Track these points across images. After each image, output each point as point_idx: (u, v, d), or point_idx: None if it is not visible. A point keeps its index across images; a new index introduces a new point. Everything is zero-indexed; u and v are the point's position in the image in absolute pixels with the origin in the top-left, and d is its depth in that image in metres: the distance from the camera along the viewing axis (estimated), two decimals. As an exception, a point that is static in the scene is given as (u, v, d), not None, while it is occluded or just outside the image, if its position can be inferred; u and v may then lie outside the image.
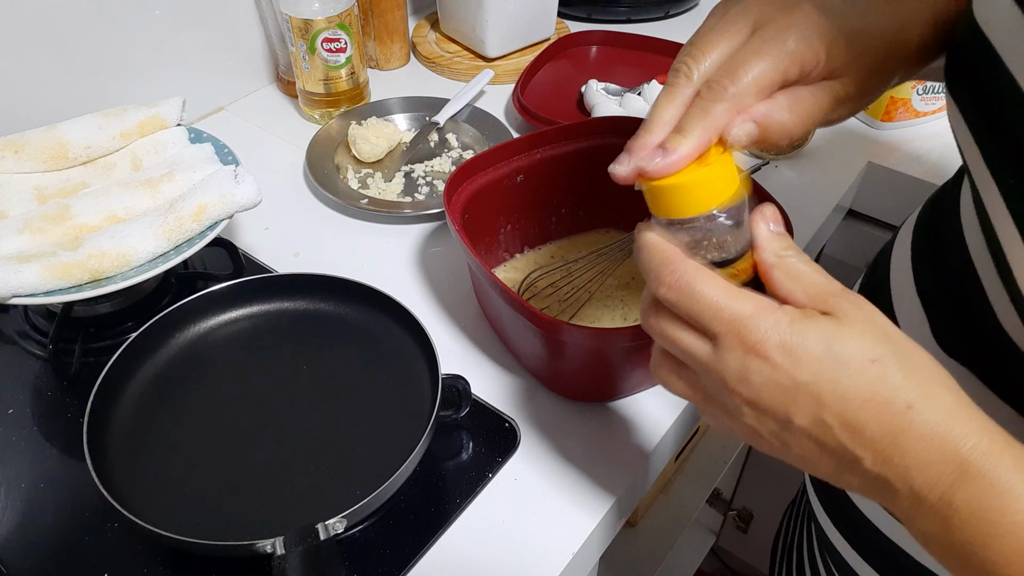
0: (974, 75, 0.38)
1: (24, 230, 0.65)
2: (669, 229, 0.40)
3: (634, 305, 0.70)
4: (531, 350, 0.63)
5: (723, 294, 0.36)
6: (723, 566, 1.53)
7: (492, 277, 0.57)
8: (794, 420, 0.35)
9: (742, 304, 0.36)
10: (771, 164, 0.87)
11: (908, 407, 0.33)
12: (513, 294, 0.56)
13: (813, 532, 0.63)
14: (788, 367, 0.34)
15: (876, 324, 0.35)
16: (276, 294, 0.67)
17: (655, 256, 0.38)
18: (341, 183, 0.84)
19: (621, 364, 0.60)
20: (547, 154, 0.70)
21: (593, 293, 0.70)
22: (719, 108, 0.39)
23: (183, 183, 0.70)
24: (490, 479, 0.58)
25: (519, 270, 0.73)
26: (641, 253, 0.39)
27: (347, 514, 0.50)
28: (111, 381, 0.58)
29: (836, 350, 0.34)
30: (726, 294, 0.36)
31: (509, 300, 0.56)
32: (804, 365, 0.34)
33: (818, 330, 0.34)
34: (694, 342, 0.37)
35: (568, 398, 0.63)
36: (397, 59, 1.05)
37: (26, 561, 0.54)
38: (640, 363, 0.60)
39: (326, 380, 0.62)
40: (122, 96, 0.84)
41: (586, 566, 0.58)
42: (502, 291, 0.56)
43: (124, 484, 0.53)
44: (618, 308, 0.70)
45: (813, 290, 0.36)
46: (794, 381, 0.34)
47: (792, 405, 0.35)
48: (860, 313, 0.35)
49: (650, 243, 0.39)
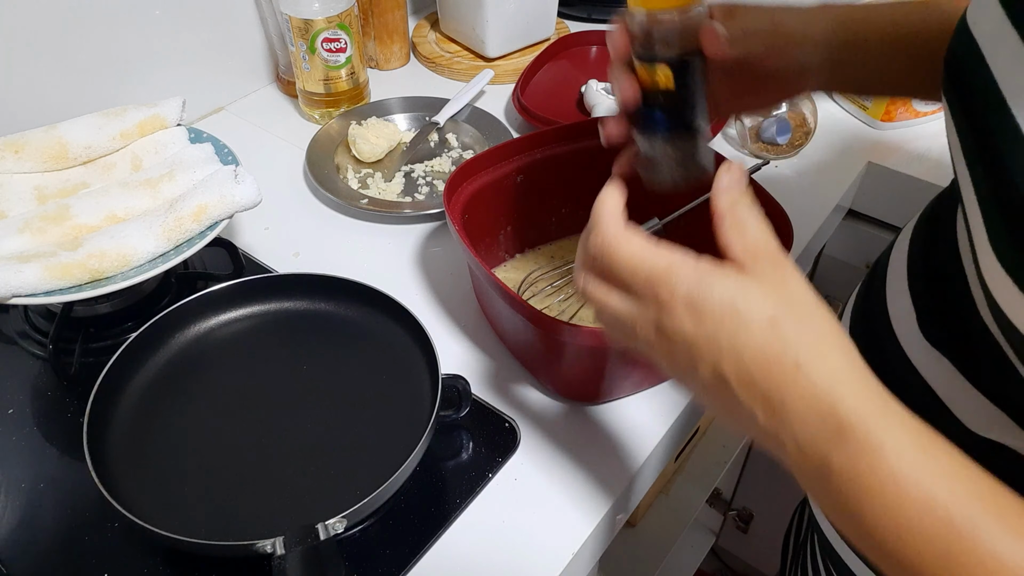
0: (962, 76, 0.39)
1: (24, 230, 0.65)
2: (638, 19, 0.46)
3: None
4: (531, 350, 0.63)
5: (639, 253, 0.38)
6: (723, 566, 1.53)
7: (492, 277, 0.57)
8: (698, 370, 0.36)
9: (656, 260, 0.37)
10: (771, 164, 0.87)
11: (796, 366, 0.34)
12: (513, 294, 0.56)
13: (815, 538, 0.63)
14: (692, 321, 0.36)
15: (785, 285, 0.36)
16: (276, 294, 0.67)
17: (593, 213, 0.41)
18: (341, 183, 0.84)
19: (620, 364, 0.60)
20: (547, 154, 0.70)
21: None
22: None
23: (183, 183, 0.70)
24: (490, 479, 0.58)
25: (519, 270, 0.73)
26: (596, 200, 0.42)
27: (347, 514, 0.50)
28: (111, 381, 0.58)
29: (738, 306, 0.35)
30: (642, 253, 0.38)
31: (509, 300, 0.56)
32: (706, 319, 0.36)
33: (723, 286, 0.36)
34: (619, 301, 0.39)
35: (568, 398, 0.63)
36: (397, 59, 1.05)
37: (26, 561, 0.54)
38: (639, 363, 0.60)
39: (326, 380, 0.62)
40: (122, 96, 0.84)
41: (586, 566, 0.58)
42: (502, 291, 0.56)
43: (124, 484, 0.53)
44: None
45: (750, 245, 0.37)
46: (697, 334, 0.36)
47: (696, 356, 0.36)
48: (774, 274, 0.36)
49: (600, 196, 0.42)
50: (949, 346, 0.46)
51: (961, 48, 0.39)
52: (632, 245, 0.39)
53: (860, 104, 0.93)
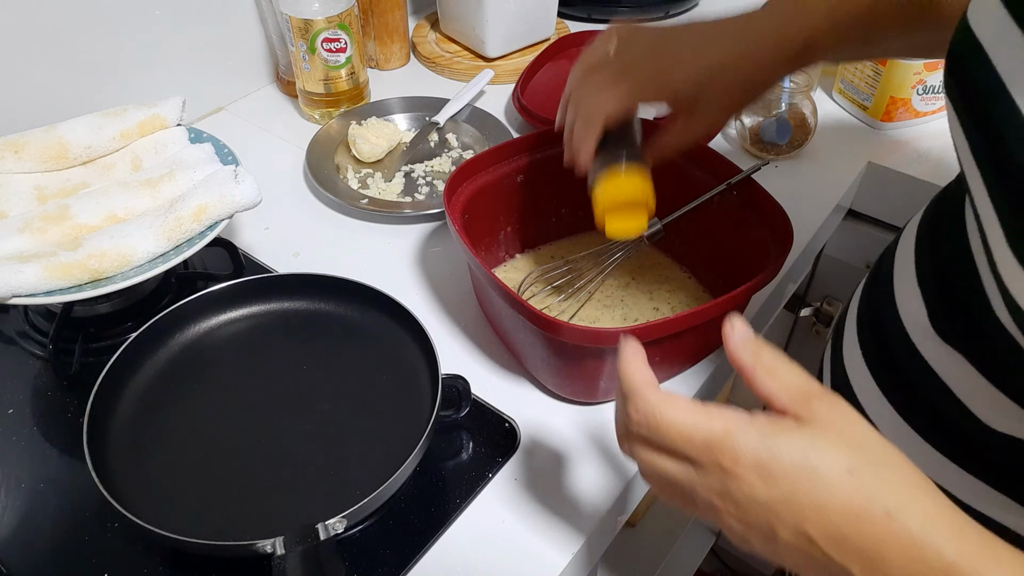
0: (965, 75, 0.39)
1: (24, 230, 0.65)
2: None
3: (634, 305, 0.70)
4: (531, 350, 0.63)
5: (690, 418, 0.37)
6: (723, 566, 1.53)
7: (492, 277, 0.57)
8: (779, 534, 0.35)
9: (711, 425, 0.36)
10: (771, 164, 0.87)
11: (887, 515, 0.33)
12: (513, 294, 0.56)
13: None
14: (765, 485, 0.35)
15: (853, 430, 0.35)
16: (276, 294, 0.67)
17: (624, 382, 0.39)
18: (341, 183, 0.84)
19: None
20: (547, 154, 0.70)
21: (593, 293, 0.70)
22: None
23: (183, 183, 0.70)
24: (490, 479, 0.58)
25: (519, 270, 0.73)
26: (618, 365, 0.41)
27: (347, 514, 0.50)
28: (111, 381, 0.58)
29: (812, 462, 0.34)
30: (693, 418, 0.36)
31: (509, 300, 0.56)
32: (780, 481, 0.34)
33: (791, 444, 0.35)
34: (674, 467, 0.38)
35: (567, 398, 0.63)
36: (397, 59, 1.05)
37: (26, 561, 0.54)
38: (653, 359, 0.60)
39: (326, 380, 0.62)
40: (122, 96, 0.84)
41: (586, 566, 0.58)
42: (502, 291, 0.56)
43: (124, 484, 0.53)
44: (618, 308, 0.70)
45: (795, 391, 0.36)
46: (773, 498, 0.34)
47: (775, 520, 0.35)
48: (836, 418, 0.36)
49: (622, 363, 0.40)
50: (964, 343, 0.46)
51: (963, 47, 0.39)
52: (681, 412, 0.37)
53: (860, 104, 0.93)
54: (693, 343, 0.63)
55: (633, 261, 0.73)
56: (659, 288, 0.71)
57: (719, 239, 0.67)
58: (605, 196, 0.57)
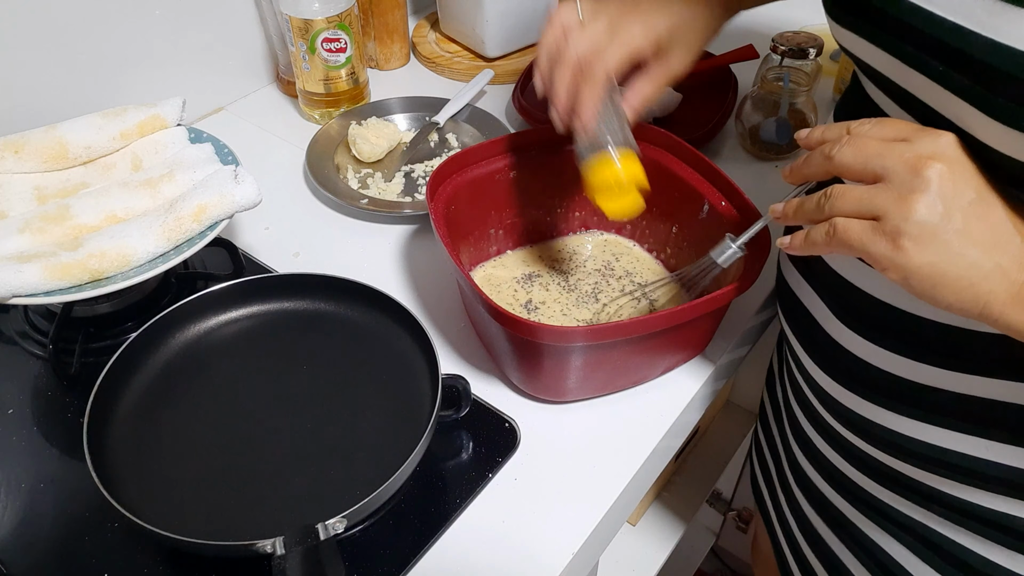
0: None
1: (24, 230, 0.65)
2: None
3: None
4: (496, 345, 0.62)
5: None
6: (723, 566, 1.53)
7: (466, 275, 0.57)
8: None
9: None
10: (772, 164, 0.87)
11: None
12: (481, 291, 0.56)
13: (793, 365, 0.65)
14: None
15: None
16: (276, 294, 0.67)
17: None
18: (341, 183, 0.84)
19: (584, 364, 0.59)
20: (540, 151, 0.70)
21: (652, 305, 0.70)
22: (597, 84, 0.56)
23: (183, 183, 0.70)
24: (490, 479, 0.58)
25: (507, 267, 0.73)
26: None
27: (347, 514, 0.50)
28: (111, 381, 0.58)
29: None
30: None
31: (475, 295, 0.56)
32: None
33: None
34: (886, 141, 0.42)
35: (534, 396, 0.63)
36: (397, 59, 1.05)
37: (26, 561, 0.54)
38: (603, 365, 0.60)
39: (326, 380, 0.62)
40: (122, 96, 0.84)
41: (586, 566, 0.58)
42: (469, 286, 0.56)
43: (124, 484, 0.53)
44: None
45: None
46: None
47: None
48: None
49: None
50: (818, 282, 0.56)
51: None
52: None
53: (860, 104, 0.93)
54: (665, 345, 0.62)
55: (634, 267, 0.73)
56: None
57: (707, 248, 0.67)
58: (599, 179, 0.59)
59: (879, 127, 0.43)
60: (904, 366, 0.50)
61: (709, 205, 0.66)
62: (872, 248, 0.41)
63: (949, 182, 0.39)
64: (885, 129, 0.43)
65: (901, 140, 0.41)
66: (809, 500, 0.66)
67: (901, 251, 0.40)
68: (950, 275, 0.40)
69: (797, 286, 0.59)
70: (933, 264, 0.40)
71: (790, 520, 0.70)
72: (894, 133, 0.42)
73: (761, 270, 0.58)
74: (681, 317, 0.56)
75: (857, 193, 0.42)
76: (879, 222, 0.41)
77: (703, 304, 0.56)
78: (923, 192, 0.39)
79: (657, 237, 0.74)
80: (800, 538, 0.69)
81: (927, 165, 0.40)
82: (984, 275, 0.39)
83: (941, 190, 0.39)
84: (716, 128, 0.87)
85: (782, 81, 0.84)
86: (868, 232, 0.41)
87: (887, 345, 0.51)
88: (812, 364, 0.59)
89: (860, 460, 0.58)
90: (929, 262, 0.40)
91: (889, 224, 0.40)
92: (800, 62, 0.84)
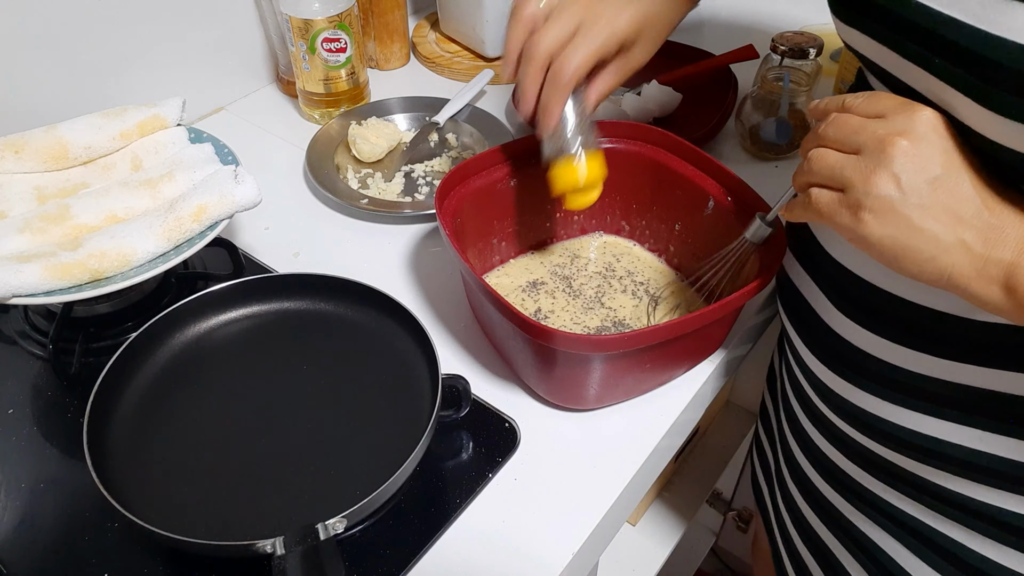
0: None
1: (24, 230, 0.65)
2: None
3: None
4: (521, 356, 0.62)
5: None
6: (723, 566, 1.53)
7: (482, 283, 0.57)
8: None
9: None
10: (772, 164, 0.87)
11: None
12: (501, 299, 0.55)
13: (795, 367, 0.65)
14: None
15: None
16: (276, 294, 0.67)
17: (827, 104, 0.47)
18: (341, 183, 0.84)
19: (608, 372, 0.59)
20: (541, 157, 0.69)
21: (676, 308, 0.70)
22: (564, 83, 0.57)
23: (183, 183, 0.70)
24: (490, 479, 0.58)
25: (510, 276, 0.73)
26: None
27: (347, 514, 0.50)
28: (111, 381, 0.58)
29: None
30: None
31: (498, 305, 0.56)
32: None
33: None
34: (862, 118, 0.44)
35: (557, 404, 0.63)
36: (397, 59, 1.05)
37: (26, 561, 0.54)
38: (633, 370, 0.60)
39: (326, 380, 0.62)
40: (122, 96, 0.84)
41: (586, 566, 0.58)
42: (492, 296, 0.56)
43: (124, 484, 0.53)
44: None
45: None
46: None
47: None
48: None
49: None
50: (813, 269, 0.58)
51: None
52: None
53: (860, 104, 0.92)
54: (688, 348, 0.63)
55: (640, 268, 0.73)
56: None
57: (718, 246, 0.67)
58: (563, 182, 0.62)
59: (868, 102, 0.45)
60: (900, 354, 0.51)
61: (714, 201, 0.66)
62: (837, 219, 0.44)
63: (912, 159, 0.41)
64: (871, 105, 0.44)
65: (880, 117, 0.43)
66: (804, 495, 0.66)
67: (862, 223, 0.42)
68: (910, 248, 0.41)
69: (796, 275, 0.60)
70: (893, 237, 0.41)
71: (785, 516, 0.70)
72: (877, 109, 0.44)
73: (777, 267, 0.59)
74: (722, 311, 0.56)
75: (831, 159, 0.44)
76: (844, 194, 0.43)
77: (737, 298, 0.56)
78: (884, 167, 0.41)
79: (658, 236, 0.73)
80: (794, 534, 0.69)
81: (892, 142, 0.41)
82: (944, 249, 0.41)
83: (903, 166, 0.41)
84: (716, 128, 0.87)
85: (782, 81, 0.84)
86: (835, 203, 0.44)
87: (884, 333, 0.51)
88: (809, 354, 0.59)
89: (855, 452, 0.58)
90: (889, 235, 0.42)
91: (852, 196, 0.43)
92: (800, 62, 0.84)
